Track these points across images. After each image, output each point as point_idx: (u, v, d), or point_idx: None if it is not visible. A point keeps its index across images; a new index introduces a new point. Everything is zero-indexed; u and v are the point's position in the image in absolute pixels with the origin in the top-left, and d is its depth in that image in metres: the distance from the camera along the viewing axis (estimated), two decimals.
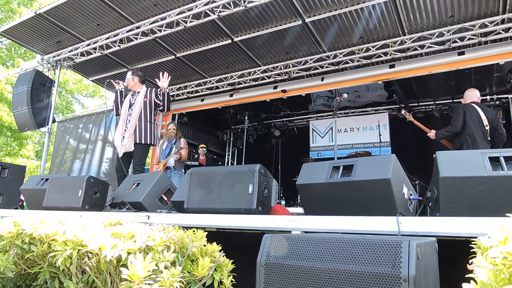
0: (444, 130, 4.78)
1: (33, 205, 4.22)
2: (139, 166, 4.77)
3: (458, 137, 4.62)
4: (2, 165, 5.15)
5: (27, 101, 7.00)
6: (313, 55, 6.74)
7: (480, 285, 0.78)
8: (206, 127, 10.57)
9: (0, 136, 14.90)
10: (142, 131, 4.74)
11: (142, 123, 4.76)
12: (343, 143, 9.03)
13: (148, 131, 4.79)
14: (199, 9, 5.47)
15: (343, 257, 1.40)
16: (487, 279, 0.76)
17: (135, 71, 5.10)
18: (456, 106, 4.82)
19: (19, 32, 6.77)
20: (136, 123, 4.75)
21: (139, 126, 4.75)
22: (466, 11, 5.30)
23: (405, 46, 5.93)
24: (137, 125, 4.75)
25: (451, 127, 4.64)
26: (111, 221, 1.90)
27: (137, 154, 4.78)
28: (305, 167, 2.63)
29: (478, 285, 0.78)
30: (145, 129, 4.77)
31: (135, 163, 4.78)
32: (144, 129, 4.76)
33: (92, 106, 18.73)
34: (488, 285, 0.76)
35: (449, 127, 4.67)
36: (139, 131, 4.73)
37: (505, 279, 0.74)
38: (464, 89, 5.03)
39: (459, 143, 4.58)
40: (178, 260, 1.62)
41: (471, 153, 2.23)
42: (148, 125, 4.80)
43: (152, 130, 4.87)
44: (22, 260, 1.82)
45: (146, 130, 4.77)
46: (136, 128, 4.74)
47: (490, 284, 0.75)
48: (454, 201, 2.06)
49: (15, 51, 16.18)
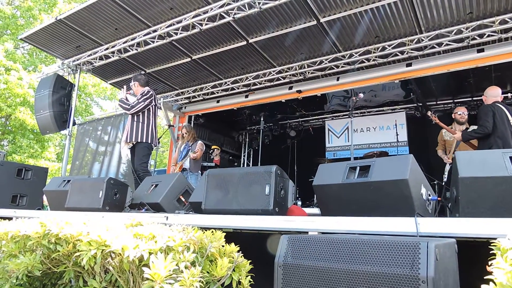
0: (473, 132, 4.61)
1: (56, 206, 4.34)
2: (140, 166, 4.88)
3: (487, 139, 4.43)
4: (26, 167, 5.32)
5: (48, 104, 7.20)
6: (328, 55, 6.71)
7: (498, 287, 0.78)
8: (221, 128, 10.64)
9: (24, 139, 15.35)
10: (134, 131, 4.89)
11: (134, 123, 4.91)
12: (360, 143, 8.95)
13: (140, 131, 4.90)
14: (214, 11, 5.52)
15: (360, 258, 1.40)
16: (506, 280, 0.76)
17: (135, 76, 5.28)
18: (483, 106, 4.64)
19: (40, 37, 6.97)
20: (129, 124, 4.93)
21: (132, 126, 4.91)
22: (485, 7, 5.19)
23: (422, 44, 5.85)
24: (131, 125, 4.92)
25: (482, 129, 4.43)
26: (133, 222, 1.95)
27: (134, 153, 4.95)
28: (322, 168, 2.63)
29: (497, 287, 0.78)
30: (137, 128, 4.90)
31: (136, 163, 4.91)
32: (136, 129, 4.89)
33: (110, 108, 19.10)
34: (507, 287, 0.76)
35: (480, 128, 4.46)
36: (134, 131, 4.88)
37: None
38: (484, 87, 4.92)
39: (487, 145, 4.39)
40: (198, 260, 1.66)
41: (491, 153, 2.20)
42: (140, 125, 4.92)
43: (144, 130, 4.94)
44: (48, 260, 1.88)
45: (138, 129, 4.90)
46: (130, 129, 4.91)
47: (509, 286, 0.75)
48: (474, 202, 2.03)
49: (37, 56, 16.65)
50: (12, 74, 14.16)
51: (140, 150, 4.92)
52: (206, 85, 8.36)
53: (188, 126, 7.06)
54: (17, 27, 15.52)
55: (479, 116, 4.61)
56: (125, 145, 4.95)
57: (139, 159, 4.88)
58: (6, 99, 14.60)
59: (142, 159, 4.91)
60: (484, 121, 4.43)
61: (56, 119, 7.26)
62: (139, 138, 4.86)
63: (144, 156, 4.97)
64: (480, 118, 4.54)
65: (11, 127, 15.94)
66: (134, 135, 4.86)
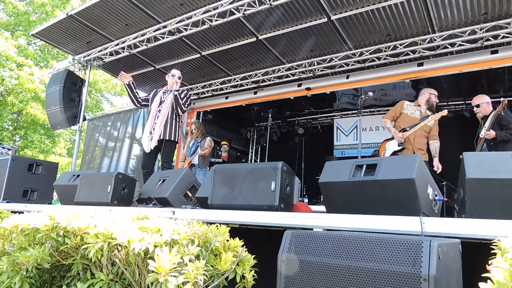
0: (508, 133, 4.50)
1: (66, 200, 4.40)
2: (167, 163, 4.92)
3: (508, 144, 4.41)
4: (37, 163, 5.39)
5: (59, 100, 7.29)
6: (338, 52, 6.68)
7: (496, 285, 0.79)
8: (230, 124, 10.67)
9: (35, 134, 15.57)
10: (169, 128, 4.88)
11: (169, 120, 4.89)
12: (368, 142, 8.89)
13: (173, 129, 4.92)
14: (224, 7, 5.53)
15: (363, 255, 1.41)
16: (503, 279, 0.77)
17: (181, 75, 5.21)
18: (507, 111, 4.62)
19: (51, 33, 7.06)
20: (164, 120, 4.87)
21: (168, 123, 4.88)
22: (500, 8, 5.10)
23: (435, 44, 5.78)
24: (166, 122, 4.88)
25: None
26: (139, 216, 1.97)
27: (165, 150, 4.92)
28: (328, 165, 2.63)
29: (495, 285, 0.79)
30: (171, 126, 4.90)
31: (163, 160, 4.92)
32: (170, 126, 4.89)
33: (120, 104, 19.27)
34: (504, 285, 0.77)
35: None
36: (168, 128, 4.87)
37: None
38: (497, 89, 4.86)
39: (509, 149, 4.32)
40: (202, 254, 1.68)
41: (499, 154, 2.17)
42: (174, 123, 4.94)
43: (177, 128, 5.02)
44: (57, 252, 1.91)
45: (172, 127, 4.90)
46: (164, 125, 4.87)
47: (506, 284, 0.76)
48: (480, 203, 2.01)
49: (48, 52, 16.84)
50: (24, 70, 14.36)
51: (170, 148, 5.02)
52: (215, 81, 8.39)
53: (197, 122, 7.09)
54: (29, 23, 15.70)
55: (505, 118, 4.55)
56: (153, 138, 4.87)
57: (167, 156, 4.97)
58: (18, 95, 14.81)
59: (169, 156, 5.03)
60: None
61: (67, 115, 7.36)
62: (173, 137, 4.91)
63: (172, 153, 5.14)
64: (508, 121, 4.50)
65: (23, 122, 16.18)
66: (168, 133, 4.87)
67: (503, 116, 4.55)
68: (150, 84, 8.57)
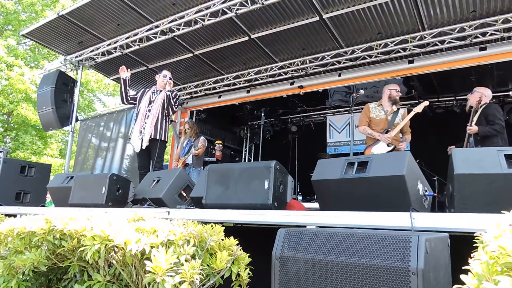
0: (491, 129, 4.40)
1: (60, 202, 4.39)
2: (158, 163, 4.93)
3: (493, 139, 4.38)
4: (29, 164, 5.36)
5: (51, 101, 7.24)
6: (330, 51, 6.73)
7: (476, 277, 0.84)
8: (223, 123, 10.68)
9: (26, 135, 15.40)
10: (159, 128, 4.90)
11: (160, 120, 4.91)
12: (361, 139, 8.93)
13: (163, 129, 4.96)
14: (217, 7, 5.54)
15: (354, 251, 1.45)
16: (481, 270, 0.82)
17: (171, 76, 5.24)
18: (494, 105, 4.55)
19: (42, 33, 7.00)
20: (155, 120, 4.90)
21: (159, 123, 4.90)
22: (488, 6, 5.18)
23: (425, 42, 5.85)
24: (157, 121, 4.90)
25: (499, 127, 4.35)
26: (135, 217, 2.00)
27: (155, 150, 4.93)
28: (320, 163, 2.67)
29: (475, 277, 0.84)
30: (161, 126, 4.93)
31: (155, 160, 4.94)
32: (160, 126, 4.92)
33: (112, 104, 19.14)
34: (482, 276, 0.82)
35: (498, 126, 4.36)
36: (159, 128, 4.89)
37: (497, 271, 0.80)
38: (486, 85, 4.93)
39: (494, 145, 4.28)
40: (198, 253, 1.71)
41: (486, 150, 2.23)
42: (164, 123, 4.98)
43: (168, 128, 5.07)
44: (54, 255, 1.92)
45: (162, 127, 4.94)
46: (155, 125, 4.89)
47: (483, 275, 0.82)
48: (468, 198, 2.07)
49: (39, 52, 16.66)
50: (14, 70, 14.19)
51: (162, 149, 5.04)
52: (208, 80, 8.39)
53: (191, 122, 7.10)
54: (19, 22, 15.50)
55: (491, 113, 4.49)
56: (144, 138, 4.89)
57: (159, 156, 4.98)
58: (8, 96, 14.64)
59: (160, 156, 5.04)
60: (498, 119, 4.39)
61: (59, 116, 7.31)
62: (163, 137, 4.94)
63: (162, 153, 5.15)
64: (494, 116, 4.44)
65: (14, 123, 15.98)
66: (158, 133, 4.90)
67: (489, 111, 4.56)
68: (142, 83, 8.53)
